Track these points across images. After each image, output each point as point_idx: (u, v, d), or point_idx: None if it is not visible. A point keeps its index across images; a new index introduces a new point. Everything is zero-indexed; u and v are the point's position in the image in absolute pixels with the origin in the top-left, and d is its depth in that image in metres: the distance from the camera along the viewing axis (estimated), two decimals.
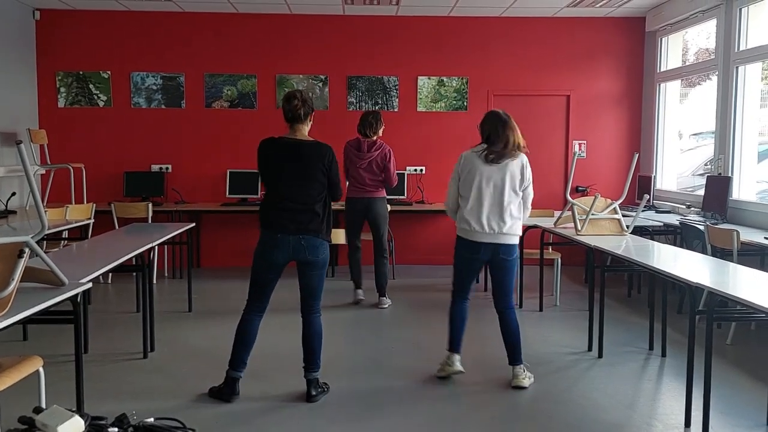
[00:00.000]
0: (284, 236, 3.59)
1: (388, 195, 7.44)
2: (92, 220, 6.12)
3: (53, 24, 7.56)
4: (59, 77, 7.65)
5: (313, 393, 3.68)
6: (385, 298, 5.88)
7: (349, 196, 5.80)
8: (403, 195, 7.62)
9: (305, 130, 3.72)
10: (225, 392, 3.68)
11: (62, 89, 7.67)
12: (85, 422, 2.06)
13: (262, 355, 4.10)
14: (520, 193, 3.92)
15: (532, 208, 4.12)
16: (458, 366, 3.99)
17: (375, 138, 5.74)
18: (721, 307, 3.33)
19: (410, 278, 7.15)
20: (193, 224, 5.80)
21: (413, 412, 3.59)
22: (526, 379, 3.92)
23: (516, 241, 3.95)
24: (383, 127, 5.84)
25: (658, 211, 6.79)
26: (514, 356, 3.94)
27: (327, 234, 3.70)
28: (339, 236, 6.19)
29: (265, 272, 3.67)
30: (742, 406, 3.66)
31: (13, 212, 6.24)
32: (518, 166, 3.90)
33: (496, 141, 3.90)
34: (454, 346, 4.02)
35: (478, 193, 3.86)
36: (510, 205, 3.87)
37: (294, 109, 3.62)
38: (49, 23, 7.56)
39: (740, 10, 6.05)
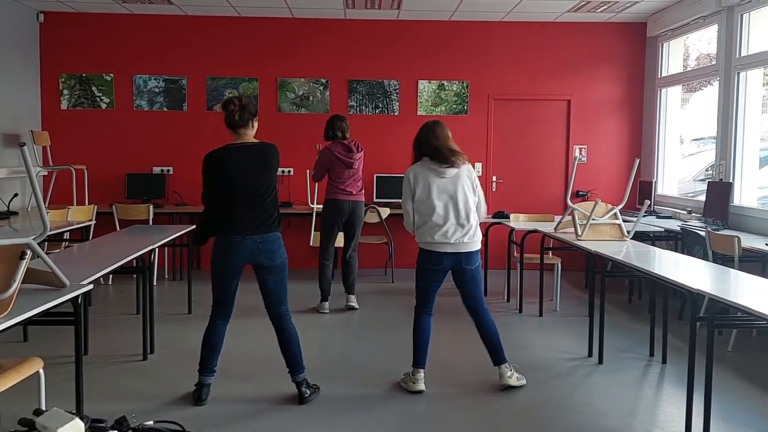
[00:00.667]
0: (242, 239, 3.57)
1: (386, 198, 7.51)
2: (93, 222, 6.13)
3: (57, 27, 7.58)
4: (62, 79, 7.67)
5: (306, 395, 3.68)
6: (353, 296, 5.90)
7: (338, 199, 5.68)
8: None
9: (251, 135, 3.79)
10: (194, 397, 3.68)
11: (65, 91, 7.68)
12: (85, 425, 2.06)
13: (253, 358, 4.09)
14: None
15: (532, 213, 4.13)
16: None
17: (351, 138, 5.79)
18: (722, 314, 3.33)
19: (409, 282, 7.11)
20: (194, 226, 5.79)
21: (411, 417, 3.58)
22: (514, 377, 3.91)
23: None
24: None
25: (658, 217, 6.79)
26: (497, 356, 3.95)
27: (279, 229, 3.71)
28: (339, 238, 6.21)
29: (227, 277, 3.69)
30: (744, 414, 3.65)
31: (15, 213, 6.25)
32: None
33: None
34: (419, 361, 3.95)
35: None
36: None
37: (231, 115, 3.71)
38: (53, 26, 7.58)
39: (741, 16, 6.06)
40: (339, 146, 5.68)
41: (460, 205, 3.88)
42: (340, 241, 5.97)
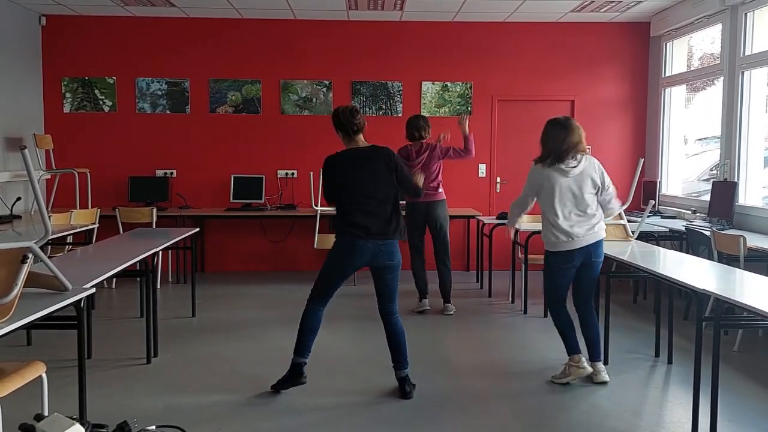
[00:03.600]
0: (364, 242, 3.72)
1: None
2: (97, 225, 6.14)
3: (59, 30, 7.59)
4: (65, 83, 7.68)
5: (407, 390, 3.80)
6: (450, 304, 5.85)
7: (408, 201, 5.73)
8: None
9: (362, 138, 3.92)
10: (292, 379, 3.80)
11: (68, 95, 7.69)
12: (86, 430, 2.06)
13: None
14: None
15: (537, 214, 4.13)
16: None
17: (423, 140, 5.78)
18: (728, 314, 3.30)
19: (412, 283, 7.11)
20: (197, 229, 5.80)
21: (412, 415, 3.56)
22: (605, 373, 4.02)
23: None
24: (430, 128, 5.87)
25: (663, 217, 6.76)
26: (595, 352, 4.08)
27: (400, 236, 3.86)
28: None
29: (341, 275, 3.84)
30: (750, 414, 3.62)
31: (18, 217, 6.25)
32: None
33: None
34: None
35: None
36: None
37: (360, 123, 3.86)
38: (55, 29, 7.59)
39: (745, 15, 6.03)
40: (405, 149, 5.74)
41: (584, 200, 3.92)
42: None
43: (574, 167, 3.92)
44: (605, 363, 4.41)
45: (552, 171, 3.95)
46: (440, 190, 5.81)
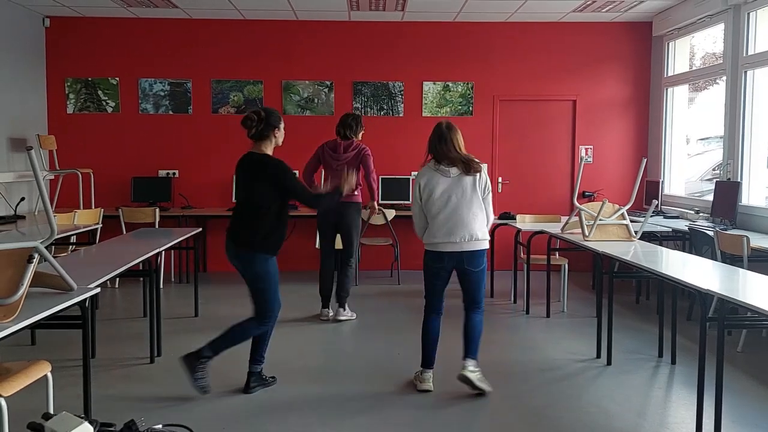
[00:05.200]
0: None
1: (392, 200, 7.48)
2: (100, 225, 6.14)
3: (63, 31, 7.61)
4: (68, 83, 7.69)
5: (252, 384, 3.90)
6: (343, 309, 5.61)
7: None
8: (408, 200, 7.60)
9: (262, 147, 3.97)
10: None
11: (71, 95, 7.70)
12: (94, 428, 2.06)
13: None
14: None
15: (538, 214, 4.12)
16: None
17: (353, 139, 5.59)
18: (732, 314, 3.30)
19: (415, 284, 7.11)
20: (200, 229, 5.81)
21: (418, 416, 3.57)
22: (477, 375, 3.89)
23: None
24: (363, 130, 5.69)
25: (666, 217, 6.76)
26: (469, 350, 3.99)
27: (263, 248, 3.85)
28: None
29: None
30: (755, 415, 3.62)
31: (22, 217, 6.27)
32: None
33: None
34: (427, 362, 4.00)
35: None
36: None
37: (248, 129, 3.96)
38: (59, 30, 7.61)
39: (748, 14, 6.03)
40: (331, 144, 5.60)
41: (463, 205, 3.87)
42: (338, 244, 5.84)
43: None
44: (608, 363, 4.42)
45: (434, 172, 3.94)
46: (356, 193, 5.60)
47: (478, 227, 3.89)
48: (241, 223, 3.86)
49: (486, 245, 3.96)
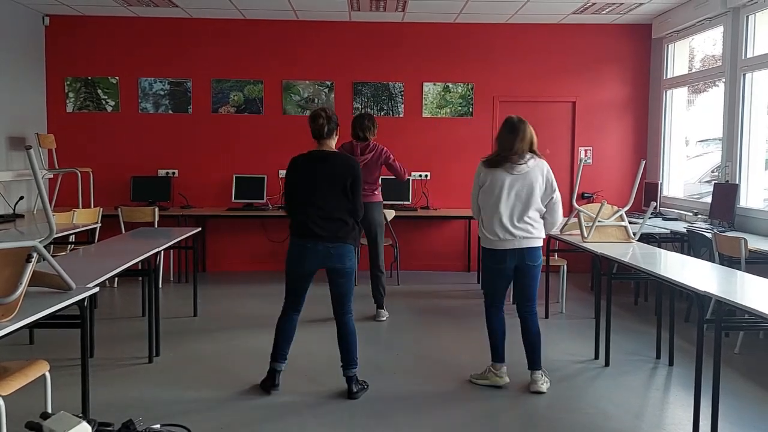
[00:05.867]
0: (314, 244, 3.75)
1: (391, 200, 7.48)
2: (99, 225, 6.14)
3: (62, 30, 7.61)
4: (68, 82, 7.69)
5: (354, 390, 3.81)
6: (383, 310, 5.71)
7: None
8: (408, 201, 7.62)
9: (332, 144, 3.92)
10: (265, 384, 3.86)
11: (71, 94, 7.70)
12: (93, 428, 2.07)
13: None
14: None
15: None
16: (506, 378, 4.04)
17: (369, 140, 5.60)
18: (729, 316, 3.31)
19: (415, 284, 7.14)
20: (199, 229, 5.81)
21: (419, 417, 3.57)
22: (545, 384, 3.97)
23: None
24: (377, 129, 5.70)
25: (664, 219, 6.77)
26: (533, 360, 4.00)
27: (354, 240, 3.88)
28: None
29: (297, 280, 3.86)
30: (752, 416, 3.63)
31: (21, 216, 6.27)
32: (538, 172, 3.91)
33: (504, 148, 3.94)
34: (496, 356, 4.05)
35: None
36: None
37: (320, 128, 3.83)
38: (59, 29, 7.61)
39: (747, 17, 6.04)
40: (348, 146, 5.58)
41: (525, 202, 3.87)
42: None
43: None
44: (606, 364, 4.43)
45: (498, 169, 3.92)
46: (377, 192, 5.68)
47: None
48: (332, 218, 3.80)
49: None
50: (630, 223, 4.97)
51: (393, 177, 6.03)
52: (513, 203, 3.87)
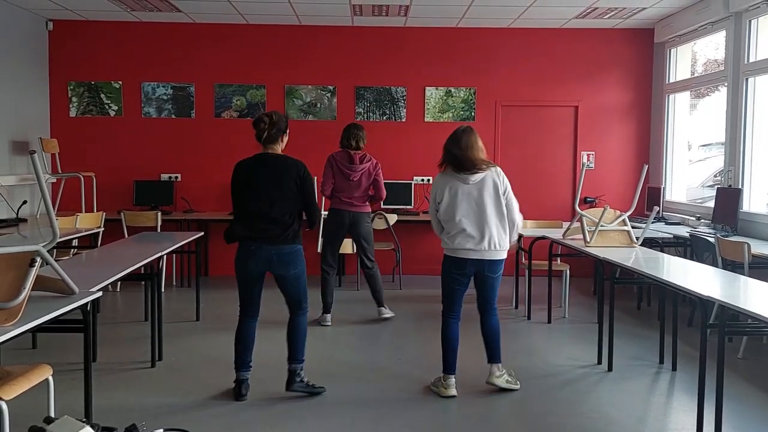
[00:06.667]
0: (258, 246, 3.77)
1: (393, 205, 7.51)
2: (102, 229, 6.15)
3: (66, 35, 7.64)
4: (71, 87, 7.71)
5: (295, 381, 3.85)
6: (384, 308, 5.74)
7: (338, 209, 5.59)
8: (410, 205, 7.62)
9: (278, 149, 3.92)
10: (236, 394, 3.85)
11: (74, 99, 7.73)
12: None
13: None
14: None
15: (540, 220, 4.10)
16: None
17: (362, 150, 5.61)
18: (733, 321, 3.30)
19: (417, 289, 7.13)
20: (202, 233, 5.81)
21: (418, 420, 3.57)
22: (503, 378, 3.96)
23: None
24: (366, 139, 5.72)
25: (667, 223, 6.76)
26: (492, 354, 4.01)
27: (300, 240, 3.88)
28: (347, 246, 6.21)
29: (246, 283, 3.89)
30: (755, 421, 3.62)
31: (24, 220, 6.27)
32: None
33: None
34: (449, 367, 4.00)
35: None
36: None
37: (261, 132, 3.86)
38: (62, 34, 7.63)
39: (749, 22, 6.04)
40: (343, 155, 5.57)
41: (485, 211, 3.85)
42: (346, 248, 5.87)
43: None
44: (609, 369, 4.42)
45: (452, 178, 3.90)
46: (366, 203, 5.68)
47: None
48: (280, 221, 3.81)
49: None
50: (633, 227, 4.96)
51: (395, 182, 6.04)
52: (473, 212, 3.86)
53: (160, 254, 4.54)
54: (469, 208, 3.85)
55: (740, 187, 6.03)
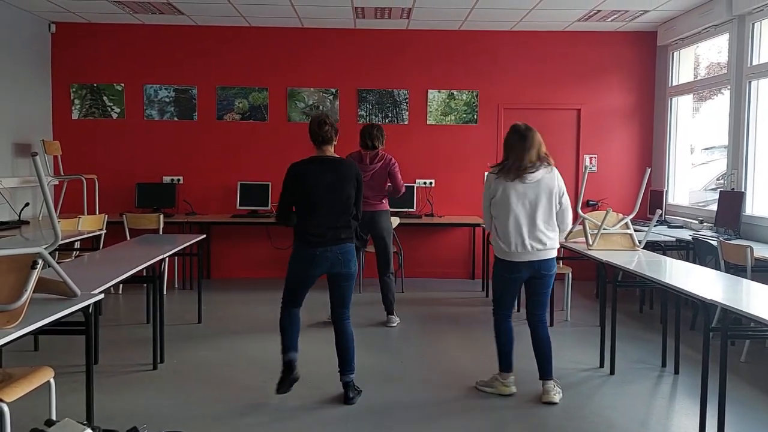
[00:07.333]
0: (324, 250, 3.78)
1: (396, 208, 7.49)
2: (104, 231, 6.16)
3: (68, 37, 7.65)
4: (73, 89, 7.73)
5: (350, 395, 3.82)
6: (393, 316, 5.74)
7: None
8: (413, 208, 7.62)
9: (332, 150, 3.98)
10: (284, 380, 3.86)
11: (76, 101, 7.74)
12: None
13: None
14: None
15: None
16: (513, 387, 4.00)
17: (378, 149, 5.62)
18: (735, 324, 3.29)
19: (419, 292, 7.13)
20: (204, 236, 5.81)
21: (424, 427, 3.56)
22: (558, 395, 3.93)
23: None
24: (385, 139, 5.72)
25: (670, 226, 6.75)
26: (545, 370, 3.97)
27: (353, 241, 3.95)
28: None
29: (301, 284, 3.90)
30: (758, 425, 3.61)
31: (26, 223, 6.28)
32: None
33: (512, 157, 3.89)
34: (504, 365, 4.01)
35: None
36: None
37: (326, 134, 3.90)
38: (65, 36, 7.65)
39: (752, 25, 6.03)
40: (356, 156, 5.59)
41: (539, 211, 3.84)
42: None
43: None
44: (612, 372, 4.40)
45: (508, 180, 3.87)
46: (384, 201, 5.71)
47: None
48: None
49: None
50: (635, 230, 4.95)
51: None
52: (527, 213, 3.83)
53: (162, 257, 4.54)
54: (522, 210, 3.82)
55: (743, 190, 6.02)
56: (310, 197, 3.81)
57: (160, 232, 6.75)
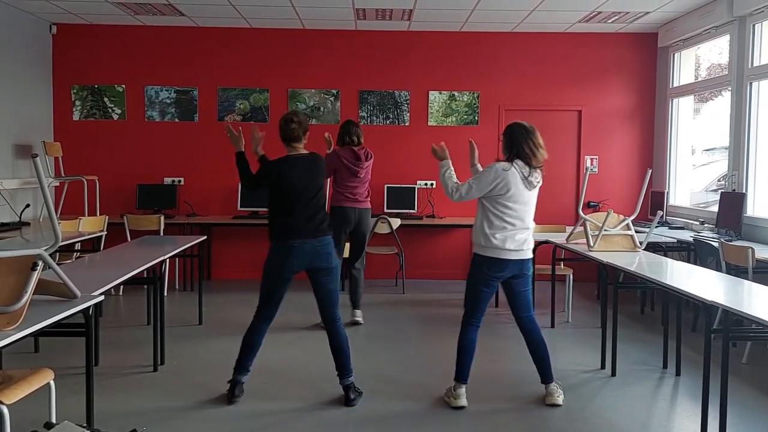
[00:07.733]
0: (301, 243, 3.76)
1: (396, 209, 7.51)
2: (105, 233, 6.16)
3: (69, 38, 7.66)
4: (74, 90, 7.73)
5: (351, 397, 3.81)
6: (358, 311, 5.69)
7: (343, 206, 5.54)
8: (414, 209, 7.61)
9: (302, 147, 4.00)
10: (229, 396, 3.84)
11: (77, 102, 7.74)
12: None
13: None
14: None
15: (543, 224, 4.10)
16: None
17: (363, 145, 5.64)
18: (737, 326, 3.28)
19: (420, 293, 7.12)
20: (205, 237, 5.81)
21: (422, 428, 3.55)
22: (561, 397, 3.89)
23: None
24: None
25: (671, 228, 6.74)
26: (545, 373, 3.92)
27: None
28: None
29: (279, 284, 3.83)
30: (759, 427, 3.60)
31: (27, 224, 6.28)
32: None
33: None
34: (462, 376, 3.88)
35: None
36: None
37: (292, 132, 3.93)
38: (66, 38, 7.65)
39: (753, 26, 6.03)
40: (348, 152, 5.55)
41: (531, 210, 3.89)
42: (346, 251, 5.89)
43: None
44: (613, 374, 4.40)
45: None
46: (368, 198, 5.71)
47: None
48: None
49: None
50: (636, 232, 4.95)
51: (398, 186, 6.05)
52: (525, 212, 3.85)
53: (162, 258, 4.53)
54: (523, 209, 3.84)
55: (744, 191, 6.01)
56: (288, 195, 3.81)
57: (161, 234, 6.75)
